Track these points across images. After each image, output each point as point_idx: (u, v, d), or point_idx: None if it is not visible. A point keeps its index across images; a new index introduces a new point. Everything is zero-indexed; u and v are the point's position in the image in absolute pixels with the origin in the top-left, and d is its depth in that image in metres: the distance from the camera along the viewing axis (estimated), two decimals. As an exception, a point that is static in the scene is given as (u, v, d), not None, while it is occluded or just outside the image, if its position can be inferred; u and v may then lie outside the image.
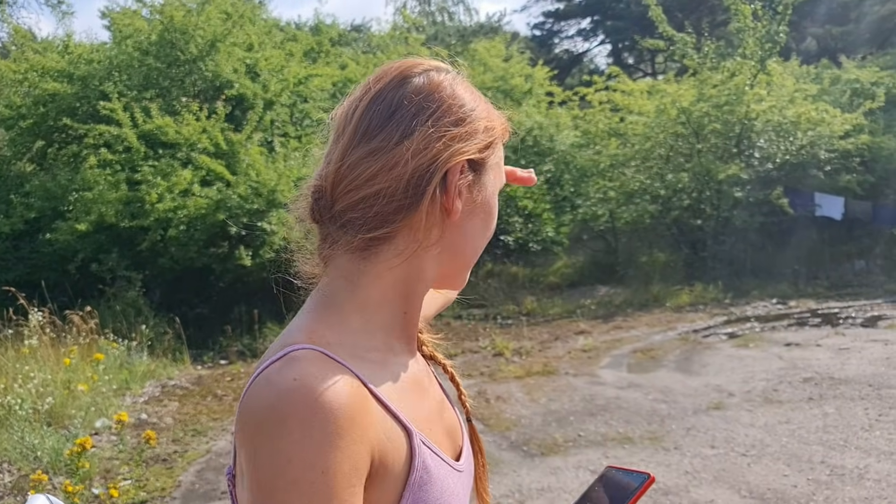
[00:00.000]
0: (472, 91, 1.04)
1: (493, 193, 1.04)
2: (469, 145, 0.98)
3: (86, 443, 4.86)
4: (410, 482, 0.91)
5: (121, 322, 9.79)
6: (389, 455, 0.89)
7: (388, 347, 1.00)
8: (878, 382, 6.99)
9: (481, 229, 1.04)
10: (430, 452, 0.95)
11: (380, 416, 0.90)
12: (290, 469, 0.82)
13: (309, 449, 0.82)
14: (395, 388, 0.96)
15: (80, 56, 12.78)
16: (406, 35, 16.81)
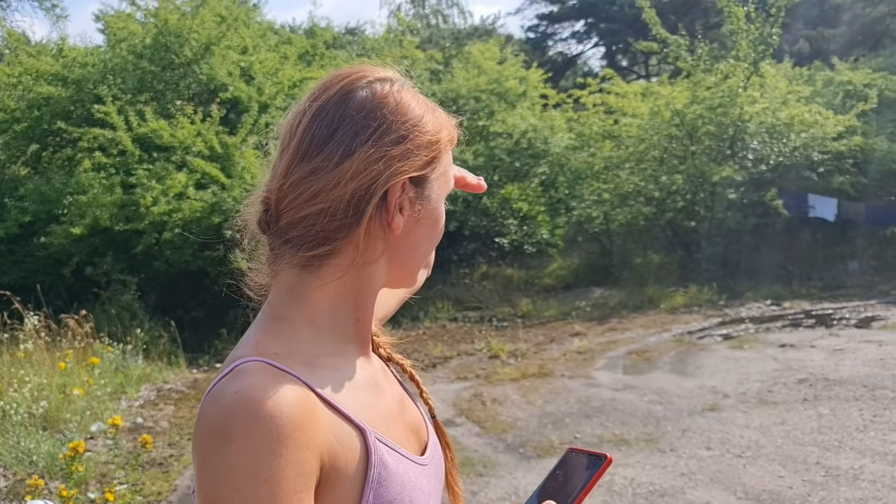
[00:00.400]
0: (419, 101, 1.04)
1: (439, 201, 1.06)
2: (409, 164, 0.99)
3: (78, 446, 4.84)
4: (369, 479, 0.93)
5: (116, 326, 9.77)
6: (341, 457, 0.91)
7: (340, 353, 1.02)
8: (873, 383, 7.02)
9: (427, 238, 1.06)
10: (388, 449, 0.97)
11: (329, 421, 0.91)
12: (232, 478, 0.83)
13: (251, 458, 0.83)
14: (348, 391, 0.98)
15: (75, 59, 12.76)
16: (400, 38, 16.82)
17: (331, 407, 0.93)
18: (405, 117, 1.00)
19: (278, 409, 0.85)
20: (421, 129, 1.01)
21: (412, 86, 1.07)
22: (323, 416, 0.91)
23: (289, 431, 0.85)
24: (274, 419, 0.85)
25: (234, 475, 0.83)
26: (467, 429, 6.54)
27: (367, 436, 0.94)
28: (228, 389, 0.88)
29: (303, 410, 0.88)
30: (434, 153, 1.02)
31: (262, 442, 0.84)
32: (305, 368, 0.95)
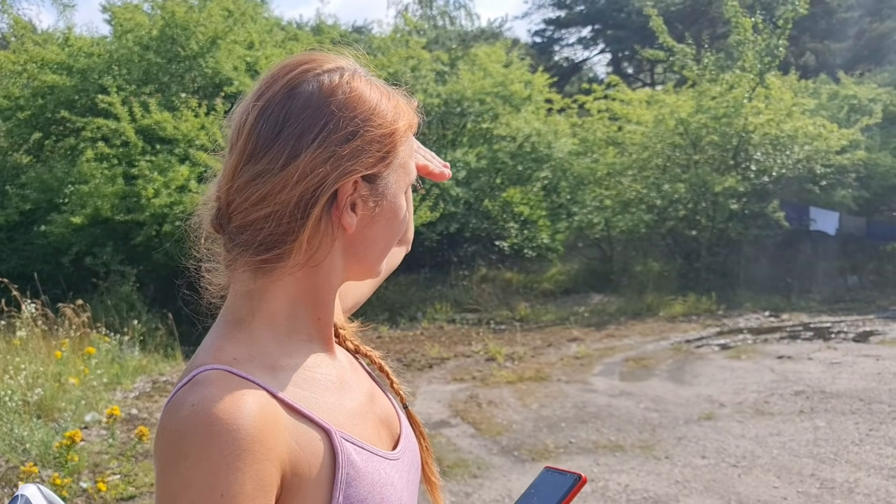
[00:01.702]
0: (373, 88, 0.99)
1: (397, 195, 1.01)
2: (360, 162, 0.95)
3: (75, 436, 4.84)
4: (337, 481, 0.91)
5: (113, 317, 9.76)
6: (304, 463, 0.89)
7: (301, 353, 0.99)
8: (869, 397, 7.00)
9: (385, 233, 1.01)
10: (356, 448, 0.95)
11: (291, 426, 0.90)
12: (188, 493, 0.82)
13: (207, 472, 0.82)
14: (311, 392, 0.96)
15: (80, 49, 12.76)
16: (407, 38, 16.81)
17: (293, 411, 0.91)
18: (354, 111, 0.95)
19: (235, 422, 0.84)
20: (373, 123, 0.96)
21: (366, 73, 1.01)
22: (284, 422, 0.89)
23: (246, 445, 0.83)
24: (230, 433, 0.83)
25: (190, 490, 0.82)
26: (462, 430, 6.52)
27: (333, 436, 0.93)
28: (186, 402, 0.86)
29: (261, 421, 0.86)
30: (389, 146, 0.98)
31: (219, 456, 0.82)
32: (266, 372, 0.93)
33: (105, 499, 4.91)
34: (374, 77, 1.03)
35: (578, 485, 0.98)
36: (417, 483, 1.10)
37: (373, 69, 1.05)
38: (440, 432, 6.43)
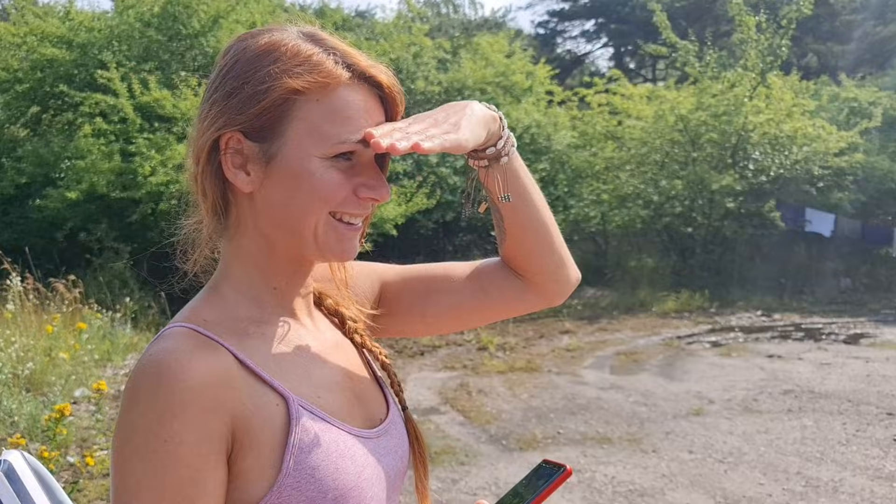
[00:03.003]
0: (288, 48, 0.98)
1: (303, 158, 0.96)
2: (234, 118, 0.97)
3: (64, 409, 4.83)
4: (289, 445, 0.93)
5: (105, 293, 9.73)
6: (257, 424, 0.92)
7: (272, 321, 1.03)
8: (858, 398, 7.03)
9: (292, 197, 0.97)
10: (313, 417, 0.96)
11: (246, 388, 0.93)
12: (133, 438, 0.87)
13: (152, 418, 0.87)
14: (274, 359, 0.99)
15: (81, 23, 12.67)
16: (410, 24, 16.75)
17: (252, 374, 0.94)
18: (250, 66, 0.97)
19: (183, 373, 0.88)
20: (255, 80, 0.96)
21: (299, 34, 1.00)
22: (239, 382, 0.93)
23: (191, 396, 0.87)
24: (178, 382, 0.87)
25: (136, 435, 0.87)
26: (451, 417, 6.54)
27: (290, 403, 0.95)
28: (147, 353, 0.92)
29: (212, 376, 0.90)
30: (272, 104, 0.95)
31: (164, 404, 0.87)
32: (232, 336, 0.97)
33: (92, 473, 4.92)
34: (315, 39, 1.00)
35: (563, 475, 1.00)
36: (396, 473, 1.08)
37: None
38: (429, 419, 6.44)
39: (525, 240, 1.16)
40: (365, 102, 0.98)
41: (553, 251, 1.19)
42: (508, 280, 1.20)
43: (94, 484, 4.80)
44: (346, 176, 0.98)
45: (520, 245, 1.17)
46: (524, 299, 1.21)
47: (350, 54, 1.00)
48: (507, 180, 1.10)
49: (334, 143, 0.96)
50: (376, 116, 1.00)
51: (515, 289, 1.20)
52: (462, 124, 1.00)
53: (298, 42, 0.98)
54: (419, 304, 1.22)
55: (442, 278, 1.22)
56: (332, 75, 0.97)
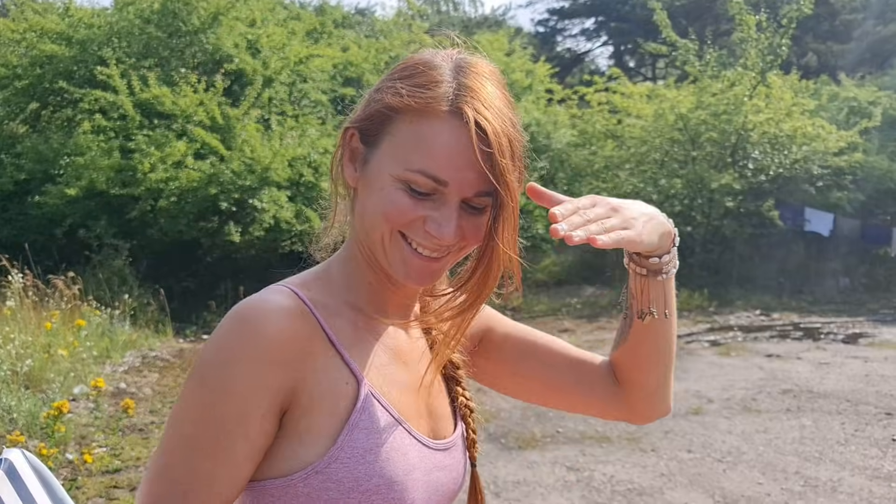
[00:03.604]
0: (422, 64, 1.00)
1: (381, 173, 0.99)
2: (356, 116, 1.04)
3: (63, 407, 4.83)
4: (350, 422, 0.97)
5: (104, 290, 9.73)
6: (322, 393, 0.97)
7: (361, 310, 1.07)
8: (856, 398, 7.04)
9: (369, 207, 1.01)
10: (380, 406, 1.01)
11: (322, 357, 0.99)
12: (204, 365, 0.95)
13: (224, 354, 0.93)
14: (358, 344, 1.04)
15: (81, 20, 12.66)
16: (410, 22, 16.75)
17: (334, 349, 1.00)
18: (389, 74, 1.03)
19: (267, 323, 0.94)
20: (382, 88, 1.02)
21: (452, 60, 1.01)
22: (318, 349, 0.98)
23: (265, 345, 0.93)
24: (259, 330, 0.94)
25: (207, 364, 0.94)
26: (450, 416, 6.53)
27: (361, 386, 1.00)
28: (248, 297, 0.99)
29: (291, 333, 0.95)
30: (379, 115, 1.00)
31: (239, 346, 0.93)
32: (325, 311, 1.02)
33: (90, 470, 4.92)
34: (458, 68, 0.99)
35: None
36: (445, 492, 1.10)
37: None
38: (428, 417, 6.43)
39: (641, 354, 1.17)
40: (457, 142, 0.95)
41: (662, 376, 1.20)
42: (604, 381, 1.22)
43: (93, 481, 4.80)
44: (416, 202, 0.97)
45: (634, 356, 1.18)
46: (610, 406, 1.23)
47: (472, 93, 0.96)
48: (657, 297, 1.11)
49: (405, 169, 0.96)
50: (463, 159, 0.96)
51: (607, 393, 1.22)
52: (640, 223, 1.00)
53: (437, 66, 0.99)
54: (513, 361, 1.24)
55: (544, 349, 1.24)
56: (431, 104, 0.96)
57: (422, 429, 1.07)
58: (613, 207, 0.99)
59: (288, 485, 0.96)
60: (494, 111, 0.97)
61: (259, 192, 10.87)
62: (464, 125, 0.94)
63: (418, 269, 1.01)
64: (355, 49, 14.35)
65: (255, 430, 0.94)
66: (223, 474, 0.94)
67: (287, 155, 11.05)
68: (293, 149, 11.20)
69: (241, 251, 11.37)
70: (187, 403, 0.95)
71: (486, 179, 0.96)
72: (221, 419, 0.93)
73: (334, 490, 0.95)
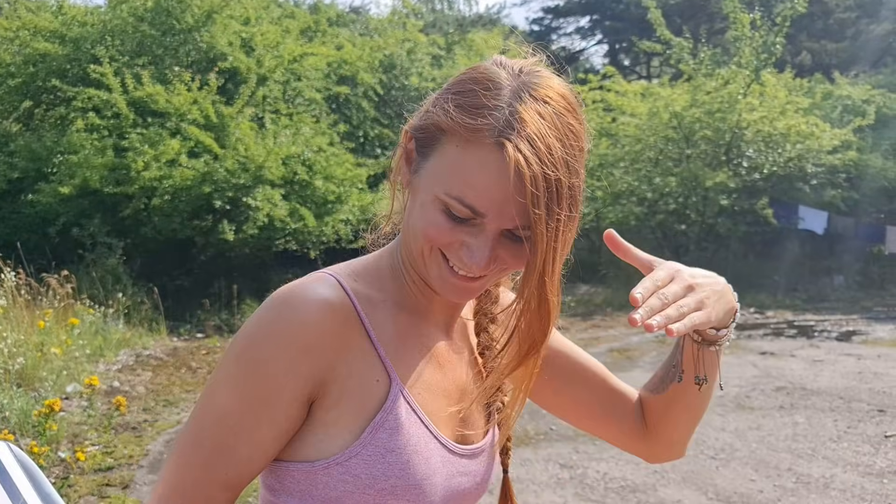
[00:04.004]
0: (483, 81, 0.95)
1: (428, 190, 0.96)
2: (416, 122, 1.01)
3: (55, 404, 4.81)
4: (375, 420, 0.98)
5: (98, 289, 9.70)
6: (352, 386, 0.98)
7: (405, 307, 1.07)
8: (849, 395, 7.06)
9: (412, 214, 1.00)
10: (409, 408, 1.01)
11: (358, 351, 1.00)
12: (241, 343, 0.97)
13: (260, 334, 0.96)
14: (396, 342, 1.04)
15: (74, 18, 12.61)
16: (404, 20, 16.73)
17: (371, 343, 1.01)
18: (452, 84, 0.99)
19: (306, 309, 0.96)
20: (440, 100, 0.98)
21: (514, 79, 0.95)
22: (355, 342, 0.99)
23: (300, 331, 0.95)
24: (296, 315, 0.95)
25: (244, 342, 0.97)
26: (444, 414, 6.53)
27: (393, 384, 1.01)
28: (295, 281, 1.01)
29: (328, 323, 0.96)
30: (431, 127, 0.97)
31: (275, 328, 0.95)
32: (368, 304, 1.03)
33: (83, 469, 4.91)
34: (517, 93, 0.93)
35: None
36: (466, 496, 1.10)
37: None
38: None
39: (677, 410, 1.20)
40: (497, 176, 0.91)
41: (688, 431, 1.24)
42: (634, 418, 1.25)
43: (85, 479, 4.79)
44: (453, 226, 0.95)
45: (669, 410, 1.21)
46: (632, 441, 1.27)
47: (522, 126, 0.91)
48: (707, 367, 1.12)
49: (445, 192, 0.94)
50: (503, 194, 0.91)
51: (633, 429, 1.25)
52: (712, 301, 1.01)
53: (496, 85, 0.94)
54: (560, 381, 1.23)
55: (592, 376, 1.26)
56: (477, 134, 0.92)
57: (449, 433, 1.07)
58: (689, 285, 0.98)
59: (310, 471, 0.99)
60: (542, 150, 0.90)
61: (253, 191, 10.85)
62: (508, 160, 0.90)
63: (455, 287, 1.00)
64: (350, 47, 14.33)
65: (281, 415, 0.96)
66: (245, 452, 0.97)
67: (281, 153, 11.03)
68: (287, 147, 11.18)
69: (235, 249, 11.35)
70: (222, 376, 0.98)
71: (527, 215, 0.92)
72: (250, 398, 0.95)
73: (351, 484, 0.97)
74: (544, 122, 0.92)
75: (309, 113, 12.85)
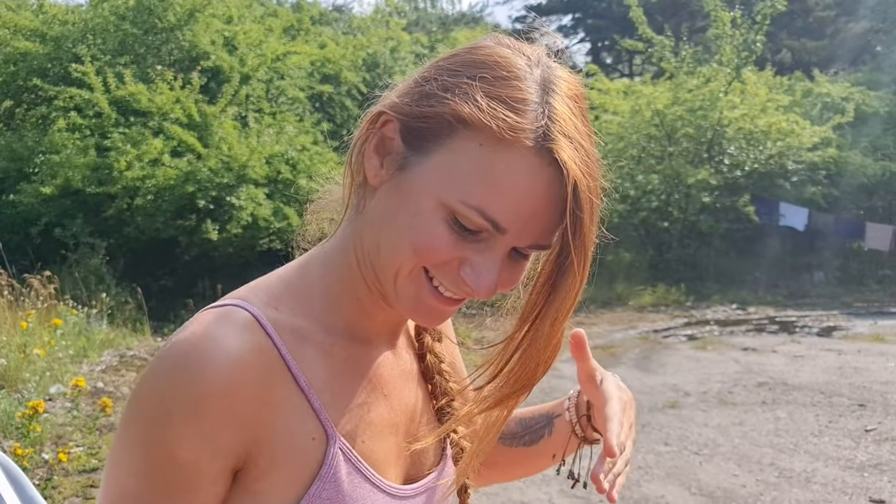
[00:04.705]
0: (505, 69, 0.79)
1: (424, 191, 0.79)
2: (404, 105, 0.82)
3: (38, 406, 4.80)
4: (311, 492, 0.82)
5: (81, 290, 9.64)
6: (283, 452, 0.81)
7: (341, 332, 0.89)
8: (830, 390, 7.14)
9: (392, 218, 0.82)
10: (349, 466, 0.85)
11: (286, 410, 0.81)
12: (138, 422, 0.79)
13: (160, 409, 0.77)
14: (332, 382, 0.86)
15: (55, 16, 12.53)
16: (387, 19, 16.73)
17: (301, 394, 0.83)
18: (460, 65, 0.81)
19: (214, 371, 0.77)
20: (448, 85, 0.80)
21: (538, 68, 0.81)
22: (279, 397, 0.81)
23: (211, 400, 0.76)
24: (202, 380, 0.76)
25: (140, 421, 0.78)
26: (430, 412, 6.56)
27: (330, 444, 0.84)
28: (188, 326, 0.81)
29: (245, 384, 0.78)
30: (443, 119, 0.79)
31: (178, 400, 0.76)
32: (295, 337, 0.84)
33: (67, 470, 4.89)
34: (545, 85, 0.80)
35: None
36: None
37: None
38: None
39: (518, 467, 1.20)
40: (532, 187, 0.78)
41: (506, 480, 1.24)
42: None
43: (70, 481, 4.77)
44: (457, 240, 0.80)
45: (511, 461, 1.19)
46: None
47: (564, 130, 0.78)
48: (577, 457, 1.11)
49: (461, 200, 0.78)
50: (532, 208, 0.79)
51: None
52: None
53: (522, 74, 0.79)
54: None
55: None
56: (515, 132, 0.76)
57: (399, 472, 0.93)
58: (632, 423, 1.00)
59: None
60: (588, 159, 0.80)
61: (236, 190, 10.82)
62: (546, 165, 0.77)
63: (432, 311, 0.85)
64: (333, 46, 14.30)
65: (203, 496, 0.79)
66: None
67: (264, 152, 11.01)
68: (270, 146, 11.16)
69: (218, 249, 11.31)
70: (127, 455, 0.79)
71: (549, 231, 0.81)
72: (162, 488, 0.77)
73: None
74: (580, 125, 0.81)
75: (292, 112, 12.83)
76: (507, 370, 0.85)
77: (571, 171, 0.77)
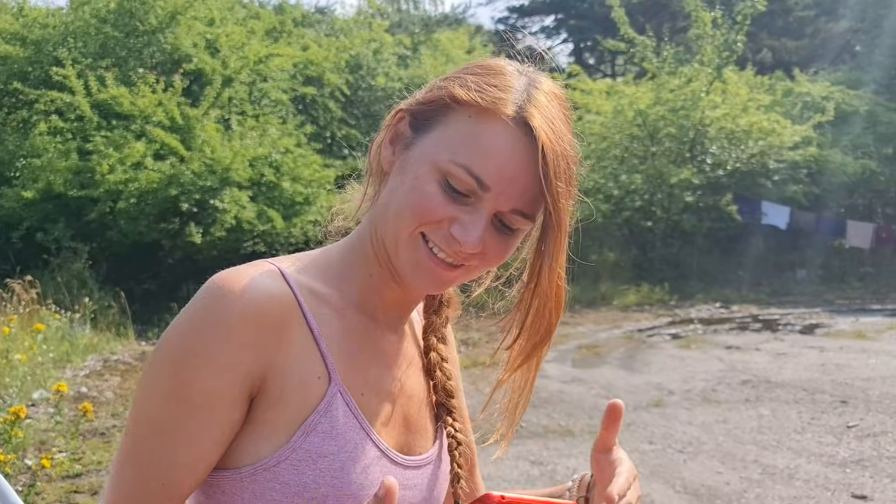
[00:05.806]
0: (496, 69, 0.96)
1: (421, 163, 0.92)
2: (413, 100, 0.98)
3: (20, 411, 4.76)
4: (307, 421, 0.90)
5: (64, 294, 9.58)
6: (292, 385, 0.91)
7: (354, 304, 0.99)
8: (813, 387, 7.20)
9: (395, 194, 0.94)
10: (348, 410, 0.93)
11: (300, 347, 0.92)
12: (172, 340, 0.89)
13: (193, 328, 0.88)
14: (340, 339, 0.96)
15: (35, 20, 12.45)
16: (370, 21, 16.72)
17: (313, 339, 0.93)
18: (464, 69, 0.98)
19: (243, 300, 0.88)
20: (447, 76, 0.98)
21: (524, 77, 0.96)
22: (294, 336, 0.92)
23: (238, 324, 0.87)
24: (233, 306, 0.87)
25: (175, 339, 0.89)
26: (415, 413, 6.56)
27: (332, 384, 0.93)
28: (229, 269, 0.93)
29: (268, 316, 0.89)
30: (433, 102, 0.94)
31: (210, 321, 0.87)
32: (314, 299, 0.95)
33: (50, 476, 4.86)
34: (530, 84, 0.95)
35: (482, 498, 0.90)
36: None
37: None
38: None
39: None
40: (512, 151, 0.90)
41: None
42: None
43: (53, 487, 4.74)
44: (447, 200, 0.91)
45: None
46: None
47: (541, 108, 0.93)
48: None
49: (450, 160, 0.90)
50: (513, 170, 0.91)
51: None
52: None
53: (511, 73, 0.95)
54: None
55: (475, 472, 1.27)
56: (497, 104, 0.91)
57: (392, 440, 0.99)
58: (639, 496, 1.02)
59: (236, 478, 0.91)
60: (558, 132, 0.93)
61: (220, 193, 10.78)
62: (523, 135, 0.90)
63: (429, 273, 0.94)
64: (315, 48, 14.28)
65: (222, 417, 0.88)
66: (186, 461, 0.88)
67: (248, 155, 10.98)
68: (254, 149, 11.13)
69: (202, 252, 11.27)
70: (154, 381, 0.89)
71: (529, 199, 0.93)
72: (187, 405, 0.87)
73: (278, 492, 0.89)
74: (556, 111, 0.95)
75: (275, 114, 12.80)
76: (528, 324, 1.00)
77: (540, 136, 0.90)
